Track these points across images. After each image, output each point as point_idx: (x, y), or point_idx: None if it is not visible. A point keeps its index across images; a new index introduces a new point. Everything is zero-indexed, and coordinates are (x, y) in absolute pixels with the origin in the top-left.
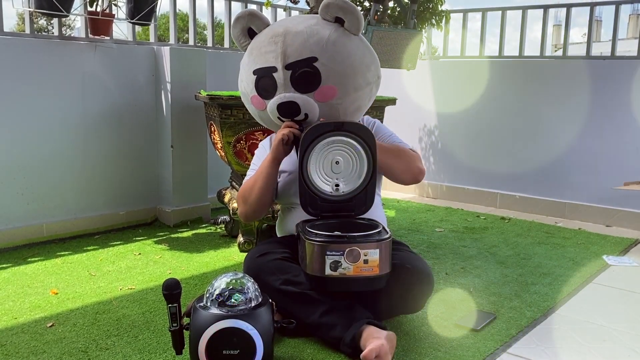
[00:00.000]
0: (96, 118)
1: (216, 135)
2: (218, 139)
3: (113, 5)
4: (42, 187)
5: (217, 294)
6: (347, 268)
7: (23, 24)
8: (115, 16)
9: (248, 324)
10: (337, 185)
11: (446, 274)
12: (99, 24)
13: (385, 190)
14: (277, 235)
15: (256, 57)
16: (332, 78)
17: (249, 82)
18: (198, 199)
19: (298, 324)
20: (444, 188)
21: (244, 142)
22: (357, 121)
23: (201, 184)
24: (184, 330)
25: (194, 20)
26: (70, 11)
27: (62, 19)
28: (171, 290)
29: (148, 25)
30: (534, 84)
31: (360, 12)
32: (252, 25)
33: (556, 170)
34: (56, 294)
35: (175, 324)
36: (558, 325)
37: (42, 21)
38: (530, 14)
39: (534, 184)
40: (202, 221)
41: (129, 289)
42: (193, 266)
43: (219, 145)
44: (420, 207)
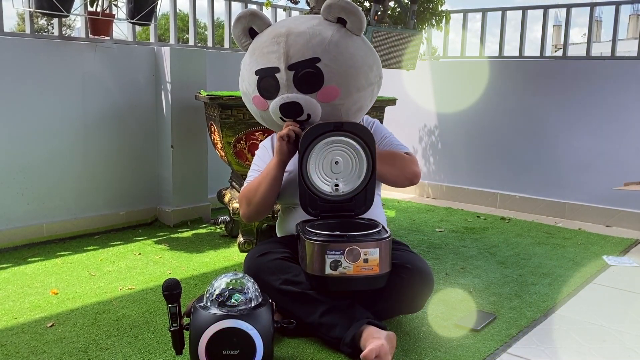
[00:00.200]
0: (96, 118)
1: (216, 135)
2: (218, 139)
3: (113, 6)
4: (42, 187)
5: (217, 294)
6: (347, 267)
7: (23, 24)
8: (116, 16)
9: (248, 324)
10: (337, 185)
11: (446, 274)
12: (99, 24)
13: (385, 191)
14: (277, 235)
15: (258, 57)
16: (334, 78)
17: (250, 82)
18: (198, 199)
19: (298, 324)
20: (444, 188)
21: (244, 142)
22: (358, 121)
23: (201, 184)
24: (184, 330)
25: (194, 20)
26: (71, 11)
27: (62, 19)
28: (171, 290)
29: (148, 25)
30: (534, 84)
31: (363, 13)
32: (253, 25)
33: (556, 170)
34: (56, 294)
35: (175, 324)
36: (558, 326)
37: (42, 21)
38: (530, 14)
39: (534, 184)
40: (202, 221)
41: (129, 289)
42: (193, 266)
43: (219, 145)
44: (420, 207)
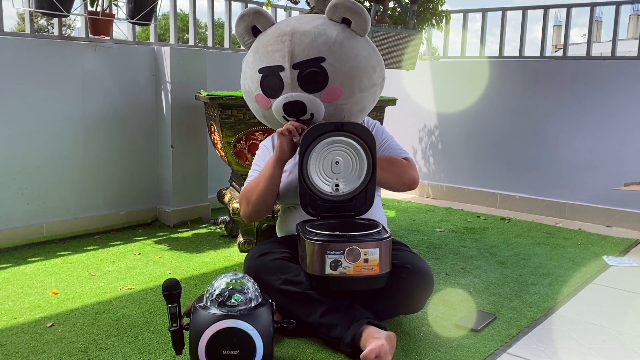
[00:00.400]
0: (96, 118)
1: (216, 135)
2: (218, 139)
3: (113, 5)
4: (42, 187)
5: (217, 294)
6: (348, 267)
7: (23, 24)
8: (116, 16)
9: (248, 324)
10: (337, 186)
11: (446, 274)
12: (99, 24)
13: (385, 191)
14: (278, 235)
15: (262, 55)
16: (338, 78)
17: (253, 80)
18: (198, 199)
19: (298, 324)
20: (444, 188)
21: (244, 142)
22: (360, 122)
23: (201, 184)
24: (184, 330)
25: (194, 20)
26: (71, 11)
27: (62, 18)
28: (171, 290)
29: (148, 25)
30: (534, 84)
31: (368, 14)
32: (256, 24)
33: (556, 170)
34: (56, 294)
35: (175, 324)
36: (558, 326)
37: (42, 21)
38: (531, 14)
39: (534, 184)
40: (202, 221)
41: (128, 289)
42: (193, 266)
43: (219, 145)
44: (420, 207)
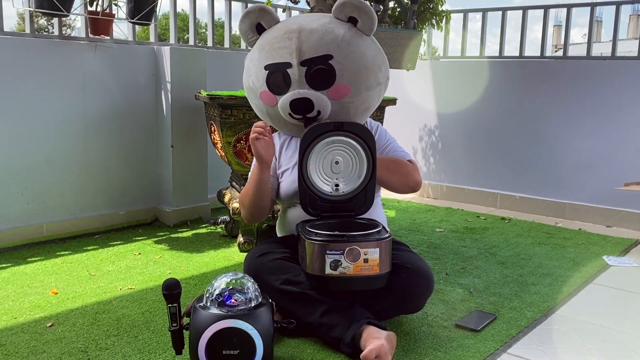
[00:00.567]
0: (96, 118)
1: (216, 135)
2: (218, 138)
3: (113, 5)
4: (42, 187)
5: (217, 294)
6: (348, 267)
7: (23, 24)
8: (116, 16)
9: (248, 324)
10: (337, 185)
11: (446, 274)
12: (99, 23)
13: (385, 191)
14: (277, 234)
15: (268, 52)
16: (346, 76)
17: (259, 77)
18: (198, 199)
19: (298, 324)
20: (444, 188)
21: (244, 142)
22: (364, 121)
23: (201, 184)
24: (184, 330)
25: (194, 20)
26: (71, 11)
27: (62, 18)
28: (171, 290)
29: (148, 25)
30: (534, 84)
31: (375, 14)
32: (261, 21)
33: (556, 170)
34: (56, 293)
35: (175, 324)
36: (558, 326)
37: (42, 21)
38: (531, 14)
39: (534, 184)
40: (202, 221)
41: (128, 288)
42: (193, 266)
43: (219, 145)
44: (420, 207)
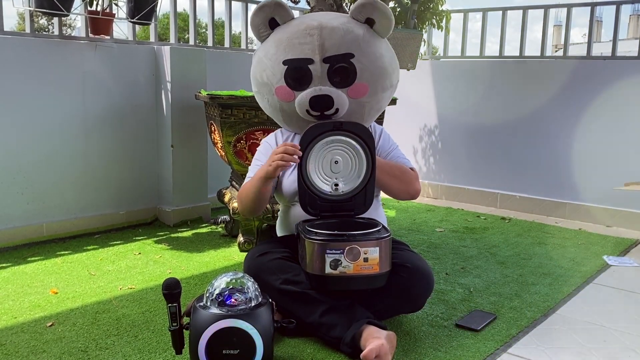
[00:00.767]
0: (96, 117)
1: (216, 134)
2: (218, 138)
3: (113, 5)
4: (42, 187)
5: (217, 294)
6: (347, 266)
7: (23, 24)
8: (116, 16)
9: (248, 324)
10: (337, 185)
11: (446, 273)
12: (99, 23)
13: None
14: (278, 233)
15: (287, 47)
16: (365, 76)
17: (275, 72)
18: (198, 198)
19: (298, 324)
20: (444, 188)
21: (244, 141)
22: (373, 121)
23: (201, 183)
24: (184, 330)
25: (195, 19)
26: (71, 10)
27: (63, 18)
28: (171, 289)
29: (148, 24)
30: (534, 84)
31: (393, 17)
32: (276, 16)
33: (556, 170)
34: (56, 293)
35: (175, 324)
36: (558, 326)
37: (42, 20)
38: (531, 14)
39: (534, 184)
40: (202, 221)
41: (128, 288)
42: (193, 266)
43: (219, 144)
44: (420, 207)
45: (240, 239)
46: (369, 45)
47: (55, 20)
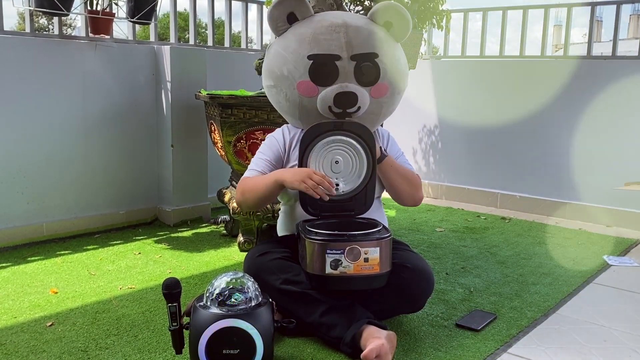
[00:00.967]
0: (96, 117)
1: (216, 134)
2: (218, 138)
3: (113, 4)
4: (42, 187)
5: (217, 294)
6: (348, 266)
7: (24, 23)
8: (116, 15)
9: (248, 324)
10: (337, 185)
11: (446, 273)
12: (99, 23)
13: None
14: (279, 233)
15: (312, 43)
16: (387, 77)
17: (298, 66)
18: (198, 198)
19: (298, 324)
20: (444, 188)
21: (244, 141)
22: (382, 123)
23: (201, 183)
24: (184, 330)
25: (195, 19)
26: (71, 10)
27: (63, 18)
28: (171, 289)
29: (148, 24)
30: (535, 84)
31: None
32: (295, 11)
33: (556, 170)
34: (56, 293)
35: (175, 324)
36: (559, 326)
37: (42, 20)
38: (531, 14)
39: (534, 184)
40: (202, 221)
41: (128, 288)
42: (193, 265)
43: (219, 144)
44: (420, 207)
45: (240, 238)
46: (389, 47)
47: (55, 19)
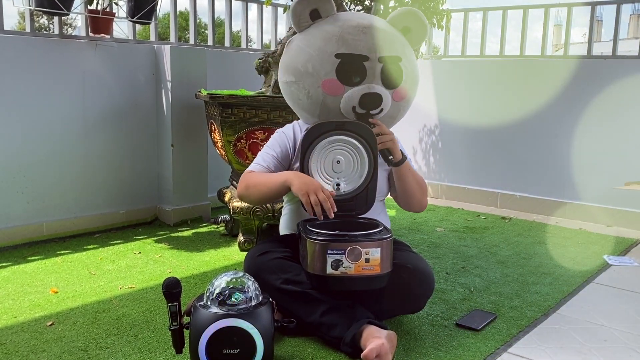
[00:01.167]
0: (97, 117)
1: (216, 134)
2: (218, 137)
3: (113, 4)
4: (42, 186)
5: (217, 293)
6: (349, 267)
7: (24, 23)
8: (116, 15)
9: (248, 323)
10: (338, 185)
11: (447, 273)
12: (100, 22)
13: None
14: (281, 232)
15: (339, 41)
16: (408, 81)
17: (324, 64)
18: (198, 198)
19: (298, 323)
20: (445, 188)
21: (244, 141)
22: (393, 125)
23: (201, 183)
24: (184, 329)
25: (195, 19)
26: (71, 10)
27: (63, 17)
28: (171, 289)
29: (148, 24)
30: (535, 83)
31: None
32: (320, 8)
33: (556, 170)
34: (56, 292)
35: (176, 323)
36: (559, 325)
37: (42, 20)
38: (531, 13)
39: (534, 184)
40: (202, 220)
41: (129, 287)
42: (193, 265)
43: (220, 144)
44: None
45: (241, 238)
46: (410, 52)
47: (56, 19)
